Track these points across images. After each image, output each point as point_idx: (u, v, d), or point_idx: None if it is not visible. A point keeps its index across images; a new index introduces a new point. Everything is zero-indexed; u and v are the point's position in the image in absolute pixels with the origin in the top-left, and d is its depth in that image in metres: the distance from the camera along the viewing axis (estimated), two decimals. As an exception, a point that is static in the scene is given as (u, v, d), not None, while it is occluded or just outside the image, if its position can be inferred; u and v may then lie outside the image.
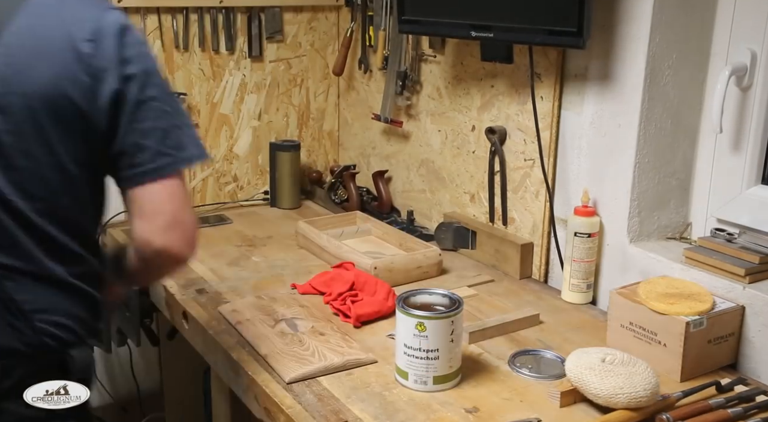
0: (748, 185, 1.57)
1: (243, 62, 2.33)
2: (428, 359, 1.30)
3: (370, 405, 1.28)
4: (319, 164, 2.56)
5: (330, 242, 1.90)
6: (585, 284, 1.69)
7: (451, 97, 2.05)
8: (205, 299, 1.69)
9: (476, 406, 1.28)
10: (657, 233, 1.67)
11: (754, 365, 1.42)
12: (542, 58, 1.76)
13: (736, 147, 1.57)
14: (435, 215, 2.17)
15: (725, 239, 1.52)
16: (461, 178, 2.06)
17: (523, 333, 1.55)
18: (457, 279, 1.82)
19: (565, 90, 1.73)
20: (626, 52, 1.57)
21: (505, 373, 1.39)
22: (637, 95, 1.56)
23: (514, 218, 1.91)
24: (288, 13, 2.37)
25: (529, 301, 1.71)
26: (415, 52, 2.14)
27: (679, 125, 1.62)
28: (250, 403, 1.41)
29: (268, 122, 2.43)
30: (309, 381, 1.35)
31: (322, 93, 2.51)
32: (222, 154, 2.36)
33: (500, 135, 1.89)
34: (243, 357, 1.44)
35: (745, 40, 1.52)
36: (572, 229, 1.68)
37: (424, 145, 2.18)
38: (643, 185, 1.62)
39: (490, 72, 1.92)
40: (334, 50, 2.47)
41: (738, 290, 1.43)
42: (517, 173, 1.88)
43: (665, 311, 1.37)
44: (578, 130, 1.71)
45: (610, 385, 1.22)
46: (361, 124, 2.46)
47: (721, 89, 1.49)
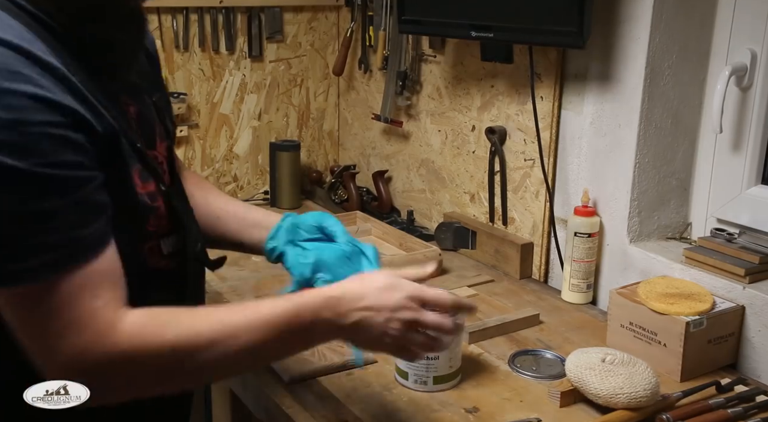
0: (748, 185, 1.57)
1: (243, 62, 2.33)
2: (428, 359, 1.30)
3: (370, 405, 1.28)
4: (319, 164, 2.56)
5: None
6: (585, 284, 1.69)
7: (451, 97, 2.05)
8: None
9: (476, 406, 1.28)
10: (657, 233, 1.67)
11: (754, 365, 1.42)
12: (542, 58, 1.76)
13: (736, 147, 1.57)
14: (435, 215, 2.17)
15: (725, 239, 1.52)
16: (461, 178, 2.06)
17: (523, 333, 1.55)
18: (457, 279, 1.82)
19: (565, 90, 1.73)
20: (626, 52, 1.57)
21: (505, 373, 1.39)
22: (637, 95, 1.56)
23: (514, 218, 1.91)
24: (288, 13, 2.37)
25: (529, 301, 1.71)
26: (415, 52, 2.14)
27: (679, 125, 1.62)
28: (250, 403, 1.41)
29: (268, 122, 2.43)
30: (309, 381, 1.35)
31: (322, 93, 2.51)
32: (222, 154, 2.36)
33: (500, 135, 1.89)
34: (243, 357, 1.44)
35: (745, 40, 1.52)
36: (572, 229, 1.68)
37: (424, 145, 2.18)
38: (643, 185, 1.62)
39: (490, 72, 1.92)
40: (334, 50, 2.47)
41: (738, 290, 1.43)
42: (517, 173, 1.88)
43: (665, 311, 1.37)
44: (578, 130, 1.71)
45: (610, 385, 1.22)
46: (361, 124, 2.46)
47: (721, 89, 1.49)
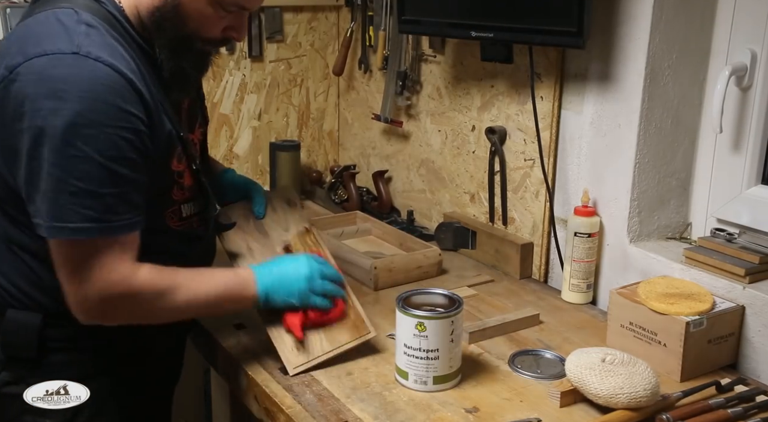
0: (748, 185, 1.57)
1: (243, 62, 2.33)
2: (428, 359, 1.30)
3: (370, 405, 1.28)
4: (319, 164, 2.56)
5: (330, 242, 1.90)
6: (585, 284, 1.69)
7: (451, 97, 2.05)
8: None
9: (476, 406, 1.28)
10: (657, 233, 1.67)
11: (754, 365, 1.42)
12: (542, 58, 1.76)
13: (736, 147, 1.57)
14: (435, 215, 2.17)
15: (725, 239, 1.52)
16: (461, 178, 2.06)
17: (523, 333, 1.55)
18: (457, 279, 1.82)
19: (565, 90, 1.73)
20: (626, 52, 1.57)
21: (505, 373, 1.39)
22: (637, 95, 1.56)
23: (514, 218, 1.91)
24: (288, 13, 2.37)
25: (529, 301, 1.71)
26: (415, 52, 2.14)
27: (679, 125, 1.62)
28: (250, 403, 1.41)
29: (268, 122, 2.43)
30: (309, 381, 1.35)
31: (322, 93, 2.51)
32: (222, 154, 2.36)
33: (500, 135, 1.89)
34: (243, 356, 1.44)
35: (745, 40, 1.52)
36: (572, 229, 1.68)
37: (424, 145, 2.18)
38: (643, 185, 1.62)
39: (490, 72, 1.92)
40: (334, 50, 2.47)
41: (738, 290, 1.43)
42: (517, 173, 1.88)
43: (665, 311, 1.37)
44: (578, 130, 1.71)
45: (610, 385, 1.22)
46: (361, 124, 2.46)
47: (721, 89, 1.49)
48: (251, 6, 1.29)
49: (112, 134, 1.12)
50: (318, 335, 1.40)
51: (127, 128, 1.14)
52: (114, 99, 1.12)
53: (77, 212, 1.12)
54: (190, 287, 1.26)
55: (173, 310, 1.27)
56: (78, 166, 1.11)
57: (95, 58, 1.12)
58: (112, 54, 1.15)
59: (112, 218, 1.15)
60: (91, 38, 1.15)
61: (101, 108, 1.11)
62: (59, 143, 1.10)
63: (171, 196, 1.33)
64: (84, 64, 1.12)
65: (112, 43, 1.17)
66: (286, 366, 1.36)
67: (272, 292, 1.33)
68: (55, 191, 1.12)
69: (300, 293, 1.35)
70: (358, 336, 1.42)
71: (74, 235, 1.14)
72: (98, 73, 1.12)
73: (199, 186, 1.38)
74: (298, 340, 1.37)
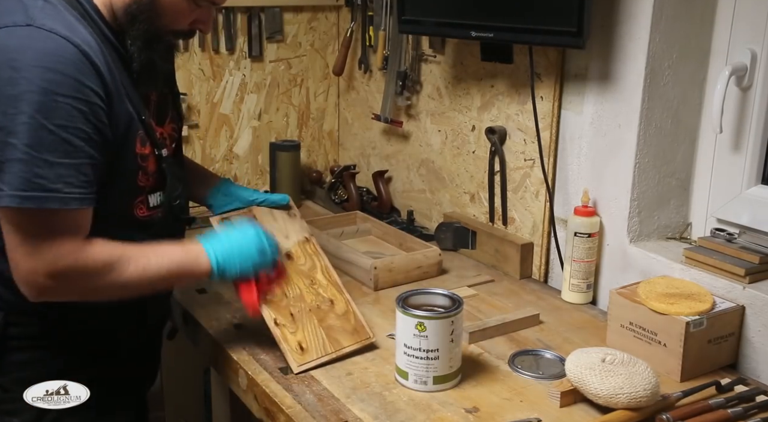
0: (748, 185, 1.57)
1: (243, 62, 2.33)
2: (428, 359, 1.30)
3: (370, 405, 1.28)
4: (319, 164, 2.56)
5: (330, 242, 1.90)
6: (585, 284, 1.69)
7: (451, 97, 2.05)
8: (205, 299, 1.69)
9: (476, 406, 1.28)
10: (657, 233, 1.67)
11: (754, 365, 1.42)
12: (542, 58, 1.76)
13: (736, 147, 1.57)
14: (435, 215, 2.17)
15: (725, 239, 1.52)
16: (461, 178, 2.06)
17: (523, 333, 1.55)
18: (457, 279, 1.82)
19: (565, 90, 1.73)
20: (626, 52, 1.57)
21: (505, 373, 1.39)
22: (637, 95, 1.56)
23: (514, 218, 1.91)
24: (288, 13, 2.37)
25: (529, 301, 1.71)
26: (415, 52, 2.14)
27: (679, 125, 1.62)
28: (250, 403, 1.41)
29: (268, 122, 2.43)
30: (309, 381, 1.35)
31: (322, 93, 2.51)
32: (222, 154, 2.36)
33: (500, 135, 1.89)
34: (243, 357, 1.44)
35: (745, 40, 1.52)
36: (572, 229, 1.68)
37: (424, 145, 2.18)
38: (643, 185, 1.62)
39: (490, 72, 1.92)
40: (334, 50, 2.47)
41: (738, 290, 1.43)
42: (517, 173, 1.88)
43: (665, 311, 1.37)
44: (578, 130, 1.71)
45: (610, 385, 1.22)
46: (361, 124, 2.46)
47: (721, 89, 1.49)
48: (221, 0, 1.35)
49: (63, 102, 1.12)
50: (320, 336, 1.42)
51: (80, 99, 1.14)
52: (66, 69, 1.13)
53: (28, 180, 1.12)
54: (140, 261, 1.24)
55: (124, 285, 1.24)
56: (29, 133, 1.11)
57: (48, 30, 1.14)
58: (68, 27, 1.17)
59: (63, 189, 1.14)
60: (45, 12, 1.17)
61: (53, 77, 1.12)
62: (12, 110, 1.11)
63: (137, 182, 1.31)
64: (37, 35, 1.13)
65: (68, 19, 1.19)
66: (290, 365, 1.37)
67: (226, 265, 1.33)
68: (7, 158, 1.12)
69: (255, 264, 1.35)
70: (359, 340, 1.45)
71: (23, 203, 1.12)
72: (51, 44, 1.13)
73: (162, 173, 1.36)
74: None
